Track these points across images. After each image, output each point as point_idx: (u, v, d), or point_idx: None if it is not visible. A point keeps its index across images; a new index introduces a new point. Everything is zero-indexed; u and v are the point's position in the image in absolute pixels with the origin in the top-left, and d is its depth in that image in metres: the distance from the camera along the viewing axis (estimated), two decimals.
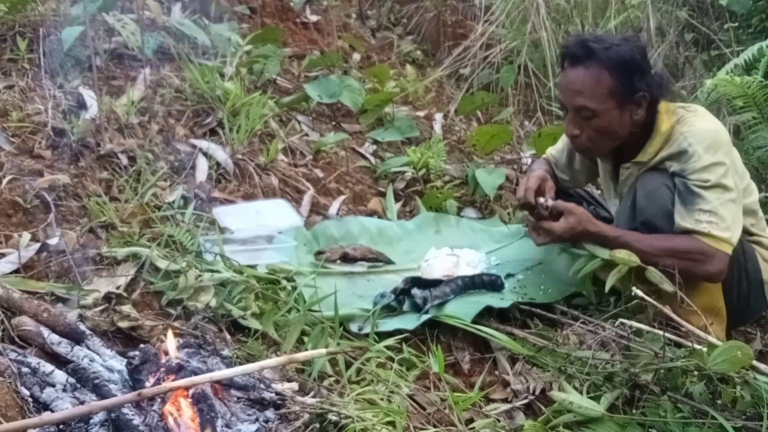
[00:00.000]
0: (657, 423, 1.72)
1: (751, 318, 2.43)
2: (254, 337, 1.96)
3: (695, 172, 2.08)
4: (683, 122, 2.17)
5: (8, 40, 2.87)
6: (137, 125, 2.68)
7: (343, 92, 3.35)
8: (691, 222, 2.07)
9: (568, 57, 2.19)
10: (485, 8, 4.24)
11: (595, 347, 1.97)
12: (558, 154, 2.60)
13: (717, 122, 2.23)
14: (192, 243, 2.22)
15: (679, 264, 2.00)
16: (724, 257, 2.07)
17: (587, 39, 2.18)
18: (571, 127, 2.22)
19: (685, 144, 2.11)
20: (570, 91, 2.19)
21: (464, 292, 2.28)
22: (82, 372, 1.58)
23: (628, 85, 2.13)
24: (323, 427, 1.61)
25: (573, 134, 2.22)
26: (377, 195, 3.05)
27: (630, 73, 2.13)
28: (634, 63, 2.14)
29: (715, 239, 2.05)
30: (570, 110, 2.20)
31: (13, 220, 2.13)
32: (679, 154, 2.12)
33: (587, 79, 2.14)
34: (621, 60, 2.13)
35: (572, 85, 2.18)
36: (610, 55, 2.13)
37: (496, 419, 1.84)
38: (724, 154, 2.11)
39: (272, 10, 3.96)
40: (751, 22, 4.15)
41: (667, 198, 2.12)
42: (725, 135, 2.18)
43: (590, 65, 2.14)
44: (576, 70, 2.16)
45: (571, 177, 2.58)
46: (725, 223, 2.06)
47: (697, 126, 2.14)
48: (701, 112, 2.24)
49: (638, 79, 2.14)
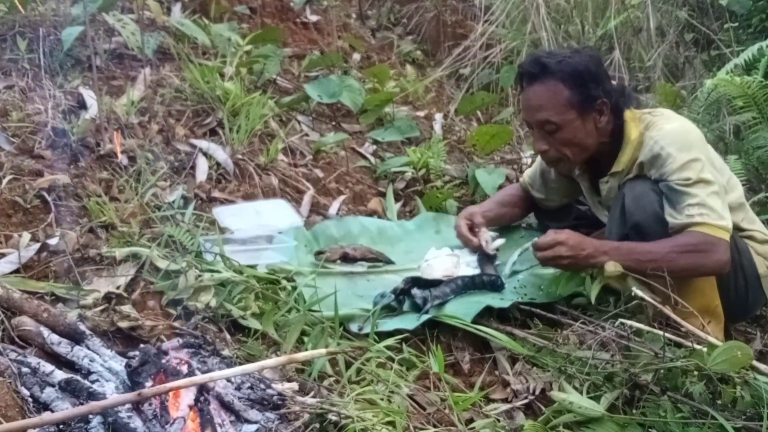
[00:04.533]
0: (657, 423, 1.72)
1: (751, 314, 2.43)
2: (254, 337, 1.96)
3: (674, 172, 2.10)
4: (652, 127, 2.20)
5: (8, 40, 2.88)
6: (137, 125, 2.68)
7: (343, 92, 3.35)
8: (683, 217, 2.08)
9: (525, 76, 2.26)
10: (485, 8, 4.24)
11: (595, 347, 1.97)
12: (533, 175, 2.65)
13: (685, 121, 2.28)
14: (192, 243, 2.22)
15: (688, 259, 2.04)
16: (726, 245, 2.07)
17: (540, 56, 2.26)
18: (539, 144, 2.27)
19: (657, 148, 2.13)
20: (531, 108, 2.25)
21: (464, 292, 2.28)
22: (76, 383, 1.57)
23: (585, 94, 2.18)
24: (323, 427, 1.61)
25: (542, 150, 2.28)
26: (377, 195, 3.05)
27: (585, 83, 2.19)
28: (588, 72, 2.19)
29: (711, 227, 2.06)
30: (534, 127, 2.26)
31: (13, 220, 2.13)
32: (654, 159, 2.14)
33: (545, 94, 2.20)
34: (574, 71, 2.18)
35: (531, 102, 2.24)
36: (563, 67, 2.19)
37: (496, 419, 1.84)
38: (699, 150, 2.14)
39: (272, 10, 3.97)
40: (751, 22, 4.15)
41: (655, 201, 2.13)
42: (695, 132, 2.21)
43: (546, 80, 2.20)
44: (533, 87, 2.23)
45: (548, 196, 2.64)
46: (716, 212, 2.07)
47: (666, 128, 2.17)
48: (668, 114, 2.28)
49: (594, 88, 2.19)
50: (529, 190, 2.66)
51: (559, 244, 2.15)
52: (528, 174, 2.69)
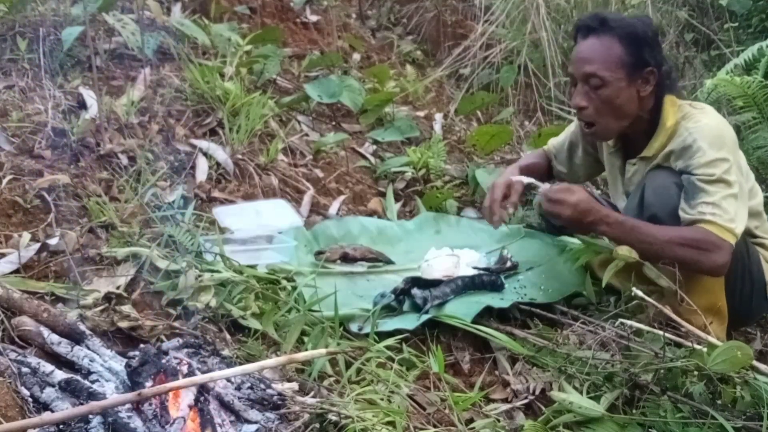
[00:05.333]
0: (657, 423, 1.72)
1: (752, 320, 2.44)
2: (254, 337, 1.96)
3: (701, 166, 2.08)
4: (689, 118, 2.18)
5: (8, 40, 2.88)
6: (137, 125, 2.68)
7: (343, 92, 3.35)
8: (695, 213, 2.06)
9: (582, 29, 2.23)
10: (485, 8, 4.24)
11: (595, 347, 1.97)
12: (559, 146, 2.60)
13: (723, 121, 2.24)
14: (192, 243, 2.21)
15: (685, 253, 2.03)
16: (729, 249, 2.06)
17: (601, 12, 2.22)
18: (578, 99, 2.22)
19: (690, 140, 2.11)
20: (580, 60, 2.21)
21: (464, 292, 2.28)
22: (76, 383, 1.56)
23: (638, 56, 2.15)
24: (323, 427, 1.61)
25: (580, 105, 2.22)
26: (377, 195, 3.05)
27: (641, 46, 2.15)
28: (645, 37, 2.17)
29: (719, 228, 2.05)
30: (579, 80, 2.22)
31: (13, 220, 2.12)
32: (684, 150, 2.12)
33: (598, 47, 2.17)
34: (633, 31, 2.16)
35: (583, 53, 2.20)
36: (622, 24, 2.17)
37: (496, 419, 1.84)
38: (729, 151, 2.12)
39: (272, 10, 3.97)
40: (751, 22, 4.16)
41: (675, 196, 2.12)
42: (730, 133, 2.18)
43: (602, 35, 2.17)
44: (588, 41, 2.20)
45: (570, 170, 2.59)
46: (728, 215, 2.06)
47: (703, 122, 2.15)
48: (707, 110, 2.24)
49: (648, 53, 2.16)
50: (552, 161, 2.61)
51: (566, 204, 2.13)
52: (554, 144, 2.63)
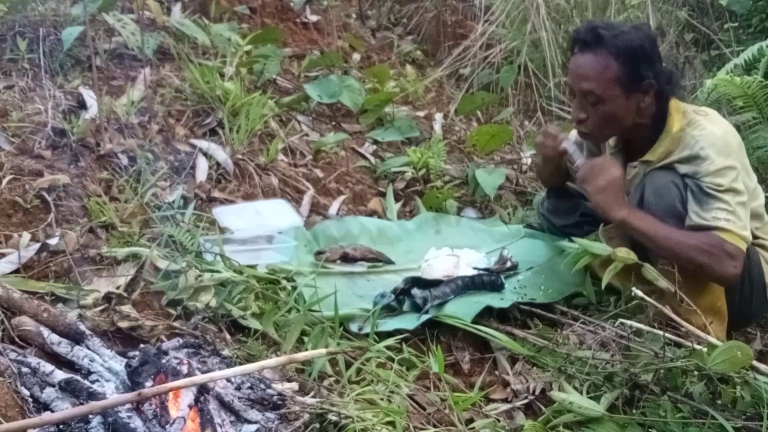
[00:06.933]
0: (657, 423, 1.72)
1: (752, 322, 2.43)
2: (254, 337, 1.96)
3: (708, 175, 2.08)
4: (694, 125, 2.17)
5: (8, 40, 2.88)
6: (137, 125, 2.68)
7: (343, 92, 3.35)
8: (710, 218, 2.06)
9: (578, 42, 2.23)
10: (485, 8, 4.23)
11: (595, 347, 1.98)
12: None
13: (728, 126, 2.24)
14: (192, 243, 2.21)
15: (702, 258, 2.02)
16: (742, 257, 2.05)
17: (597, 25, 2.21)
18: (577, 112, 2.25)
19: (697, 148, 2.11)
20: (578, 76, 2.22)
21: (464, 292, 2.28)
22: (76, 383, 1.57)
23: (634, 72, 2.15)
24: (323, 427, 1.61)
25: (579, 118, 2.24)
26: (377, 195, 3.05)
27: (637, 61, 2.15)
28: (641, 51, 2.16)
29: (734, 236, 2.04)
30: (577, 94, 2.23)
31: (13, 220, 2.12)
32: (691, 158, 2.12)
33: (595, 65, 2.17)
34: (629, 47, 2.15)
35: (580, 70, 2.21)
36: (618, 42, 2.15)
37: (496, 419, 1.84)
38: (736, 158, 2.12)
39: (272, 10, 3.96)
40: (751, 22, 4.15)
41: (675, 196, 2.12)
42: (736, 138, 2.19)
43: (598, 51, 2.17)
44: (584, 56, 2.20)
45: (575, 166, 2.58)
46: (742, 222, 2.06)
47: (709, 129, 2.14)
48: (713, 115, 2.24)
49: (645, 68, 2.16)
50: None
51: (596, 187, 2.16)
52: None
